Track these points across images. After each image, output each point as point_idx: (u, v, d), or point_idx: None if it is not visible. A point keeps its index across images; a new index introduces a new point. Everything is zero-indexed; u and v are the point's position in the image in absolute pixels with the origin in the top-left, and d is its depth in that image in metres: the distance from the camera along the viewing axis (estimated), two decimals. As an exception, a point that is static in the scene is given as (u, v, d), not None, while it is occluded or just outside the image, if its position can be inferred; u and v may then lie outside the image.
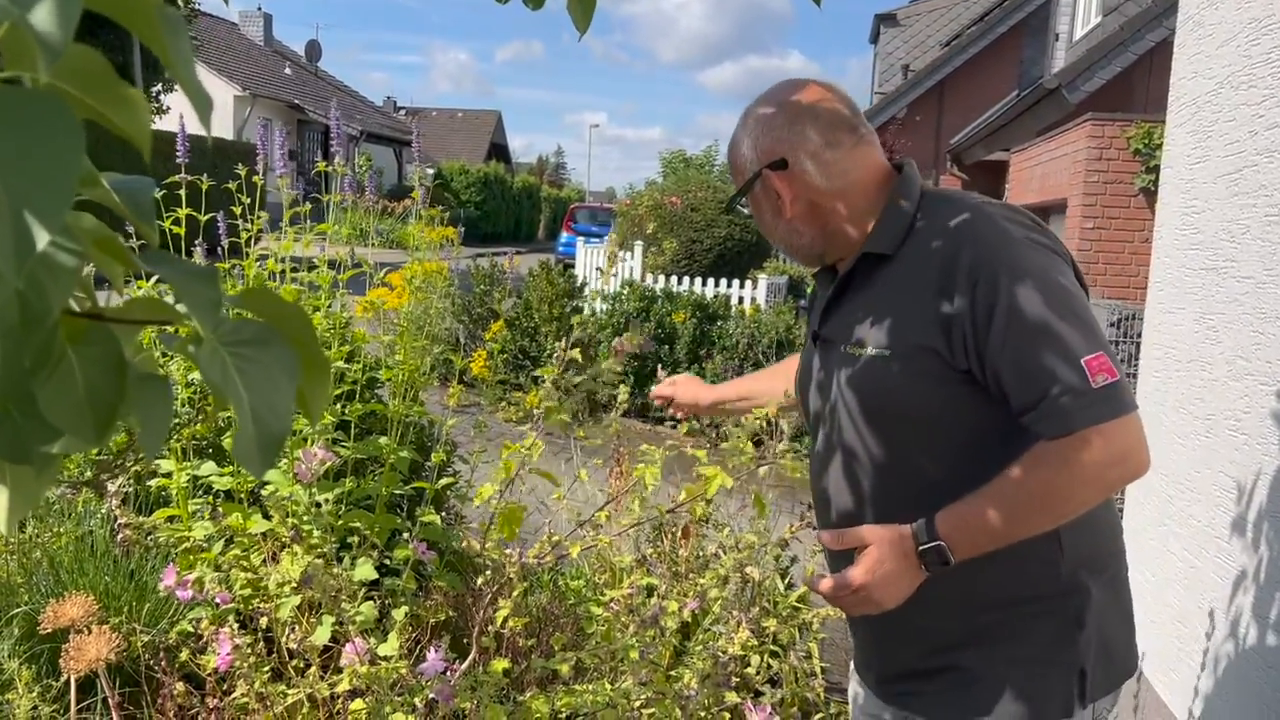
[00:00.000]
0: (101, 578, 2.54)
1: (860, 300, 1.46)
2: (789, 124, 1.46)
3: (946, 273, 1.32)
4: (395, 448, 2.62)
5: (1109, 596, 1.43)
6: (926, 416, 1.37)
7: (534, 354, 8.07)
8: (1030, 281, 1.28)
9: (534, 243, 35.05)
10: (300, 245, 2.85)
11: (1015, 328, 1.26)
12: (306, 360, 0.66)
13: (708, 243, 13.25)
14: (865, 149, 1.48)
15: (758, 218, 1.57)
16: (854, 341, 1.43)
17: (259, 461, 0.61)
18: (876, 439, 1.43)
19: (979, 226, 1.36)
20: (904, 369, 1.36)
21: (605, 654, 2.01)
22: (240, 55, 30.04)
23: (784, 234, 1.53)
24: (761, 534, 2.62)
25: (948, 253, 1.34)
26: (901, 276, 1.40)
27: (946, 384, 1.34)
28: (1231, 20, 2.43)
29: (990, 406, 1.33)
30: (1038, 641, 1.39)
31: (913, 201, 1.44)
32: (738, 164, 1.54)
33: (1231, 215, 2.37)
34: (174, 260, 0.62)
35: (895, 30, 22.07)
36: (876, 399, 1.41)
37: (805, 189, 1.46)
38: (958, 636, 1.43)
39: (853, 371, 1.44)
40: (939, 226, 1.39)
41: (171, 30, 0.52)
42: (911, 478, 1.41)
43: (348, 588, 2.04)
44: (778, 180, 1.47)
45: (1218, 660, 2.29)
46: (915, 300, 1.36)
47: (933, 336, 1.33)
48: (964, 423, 1.36)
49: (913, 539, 1.31)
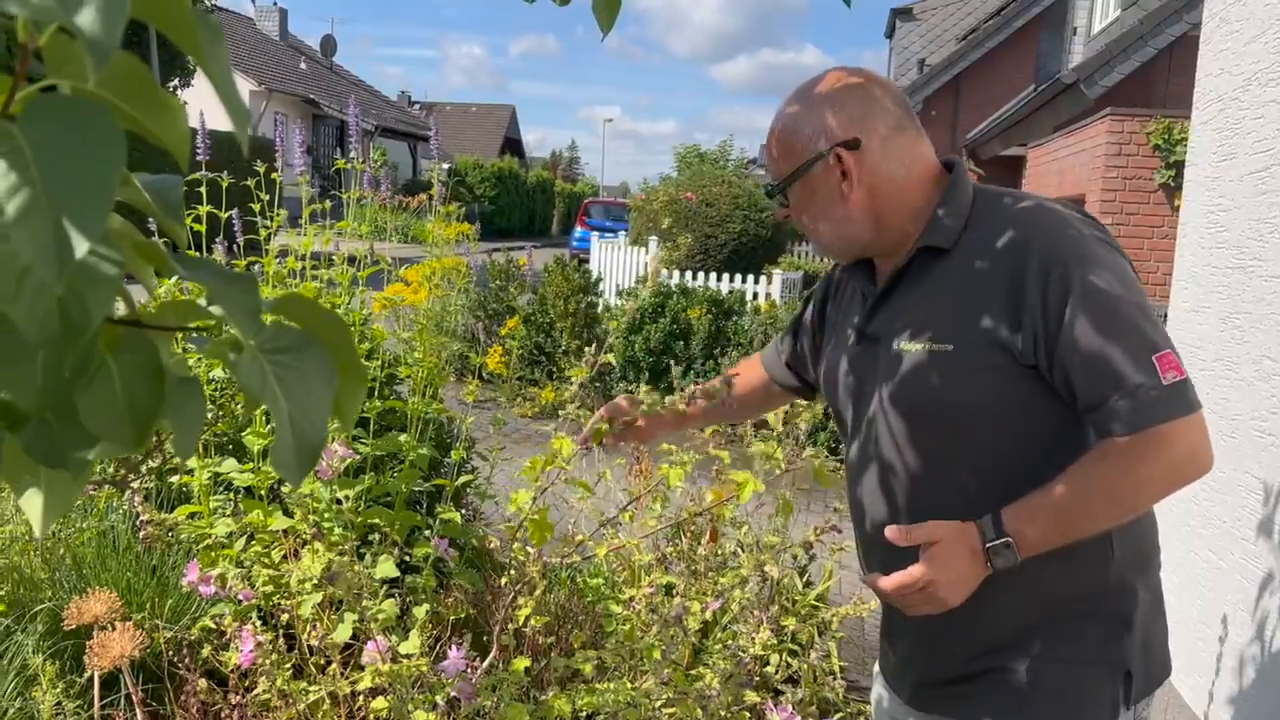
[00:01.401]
0: (124, 574, 2.55)
1: (915, 296, 1.43)
2: (863, 104, 1.42)
3: (1016, 266, 1.31)
4: (415, 445, 2.62)
5: (1151, 596, 1.43)
6: (980, 414, 1.35)
7: (549, 350, 8.07)
8: (1102, 277, 1.27)
9: (547, 238, 35.04)
10: (319, 242, 2.85)
11: (1088, 322, 1.25)
12: (343, 367, 0.66)
13: (723, 238, 13.23)
14: (925, 143, 1.47)
15: (804, 204, 1.49)
16: (909, 338, 1.40)
17: (296, 470, 0.61)
18: (921, 441, 1.40)
19: (1046, 221, 1.34)
20: (967, 364, 1.33)
21: (626, 653, 2.01)
22: (256, 50, 30.16)
23: (835, 221, 1.47)
24: (781, 532, 2.61)
25: (1015, 246, 1.32)
26: (962, 271, 1.37)
27: (1009, 379, 1.32)
28: (1260, 16, 2.40)
29: (1047, 407, 1.32)
30: (1086, 643, 1.37)
31: (968, 197, 1.43)
32: (794, 145, 1.46)
33: (1259, 214, 2.35)
34: (210, 264, 0.61)
35: (911, 25, 21.96)
36: (930, 395, 1.37)
37: (871, 173, 1.42)
38: (1007, 638, 1.41)
39: (904, 369, 1.40)
40: (1002, 221, 1.37)
41: (211, 39, 0.51)
42: (953, 482, 1.39)
43: (369, 585, 2.04)
44: (849, 160, 1.42)
45: (1242, 662, 2.27)
46: (981, 294, 1.33)
47: (1001, 330, 1.31)
48: (1016, 423, 1.34)
49: (979, 535, 1.28)
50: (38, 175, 0.45)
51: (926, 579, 1.28)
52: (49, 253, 0.45)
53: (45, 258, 0.45)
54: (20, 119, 0.46)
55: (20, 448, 0.58)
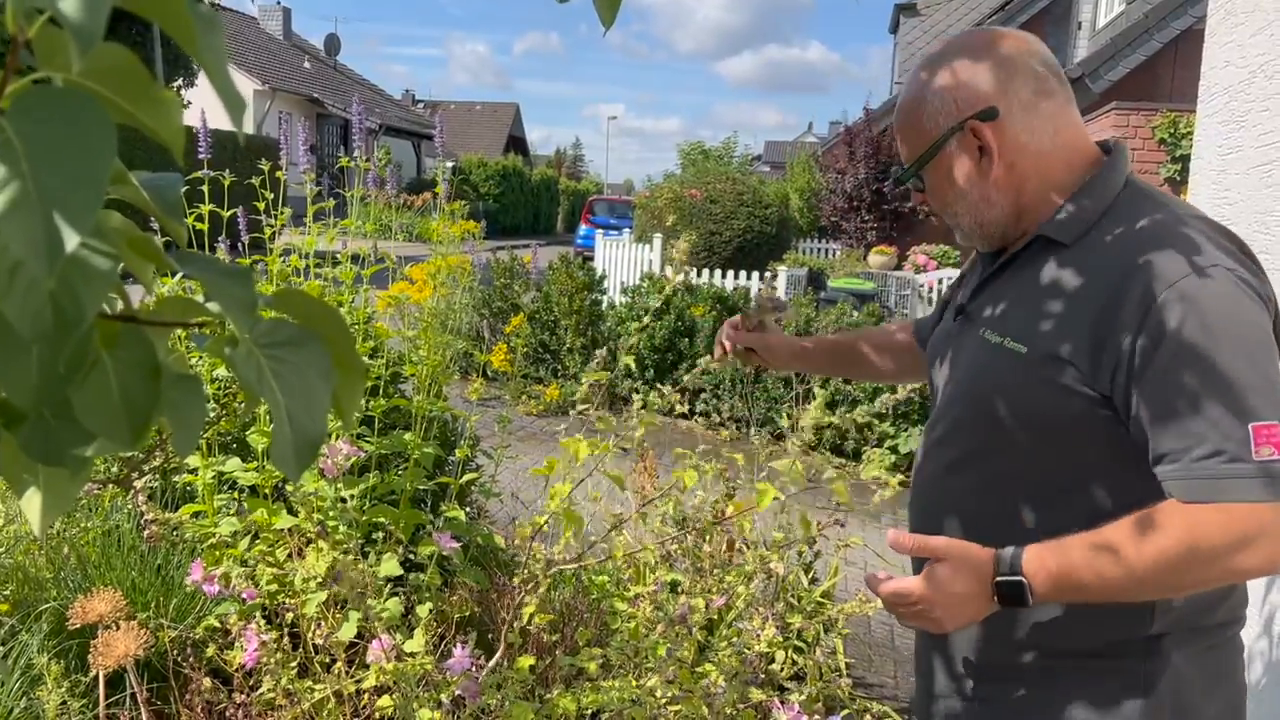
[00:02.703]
0: (129, 573, 2.55)
1: (1016, 284, 1.31)
2: (998, 69, 1.28)
3: (1119, 288, 1.16)
4: (419, 443, 2.62)
5: (1196, 670, 1.24)
6: (1034, 426, 1.23)
7: (554, 348, 8.07)
8: (1215, 320, 1.10)
9: (552, 235, 35.06)
10: (324, 240, 2.85)
11: (1179, 365, 1.10)
12: (341, 362, 0.65)
13: (727, 235, 13.21)
14: (1074, 110, 1.32)
15: (940, 188, 1.35)
16: (994, 328, 1.30)
17: (295, 464, 0.60)
18: (975, 437, 1.31)
19: (1174, 242, 1.16)
20: (1035, 371, 1.22)
21: (631, 651, 2.00)
22: (260, 49, 30.19)
23: (974, 203, 1.32)
24: (786, 529, 2.61)
25: (1128, 265, 1.17)
26: (1069, 274, 1.24)
27: (1076, 400, 1.19)
28: (1266, 7, 2.38)
29: (1112, 441, 1.19)
30: (1095, 702, 1.25)
31: (1113, 191, 1.27)
32: (922, 121, 1.32)
33: (1265, 207, 2.33)
34: (206, 260, 0.61)
35: (915, 20, 21.91)
36: (992, 393, 1.27)
37: (1012, 145, 1.28)
38: (1012, 674, 1.31)
39: (980, 358, 1.31)
40: (1130, 230, 1.22)
41: (206, 29, 0.51)
42: (995, 490, 1.29)
43: (373, 583, 2.04)
44: (988, 132, 1.28)
45: (1250, 658, 2.26)
46: (1074, 307, 1.20)
47: (1077, 352, 1.18)
48: (1072, 448, 1.22)
49: (993, 566, 1.16)
50: (27, 169, 0.44)
51: (920, 595, 1.20)
52: (39, 247, 0.45)
53: (36, 252, 0.45)
54: (9, 112, 0.46)
55: (18, 446, 0.58)
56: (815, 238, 18.04)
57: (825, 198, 16.67)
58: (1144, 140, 9.02)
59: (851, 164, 15.87)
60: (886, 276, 12.79)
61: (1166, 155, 8.91)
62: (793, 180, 19.73)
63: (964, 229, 1.38)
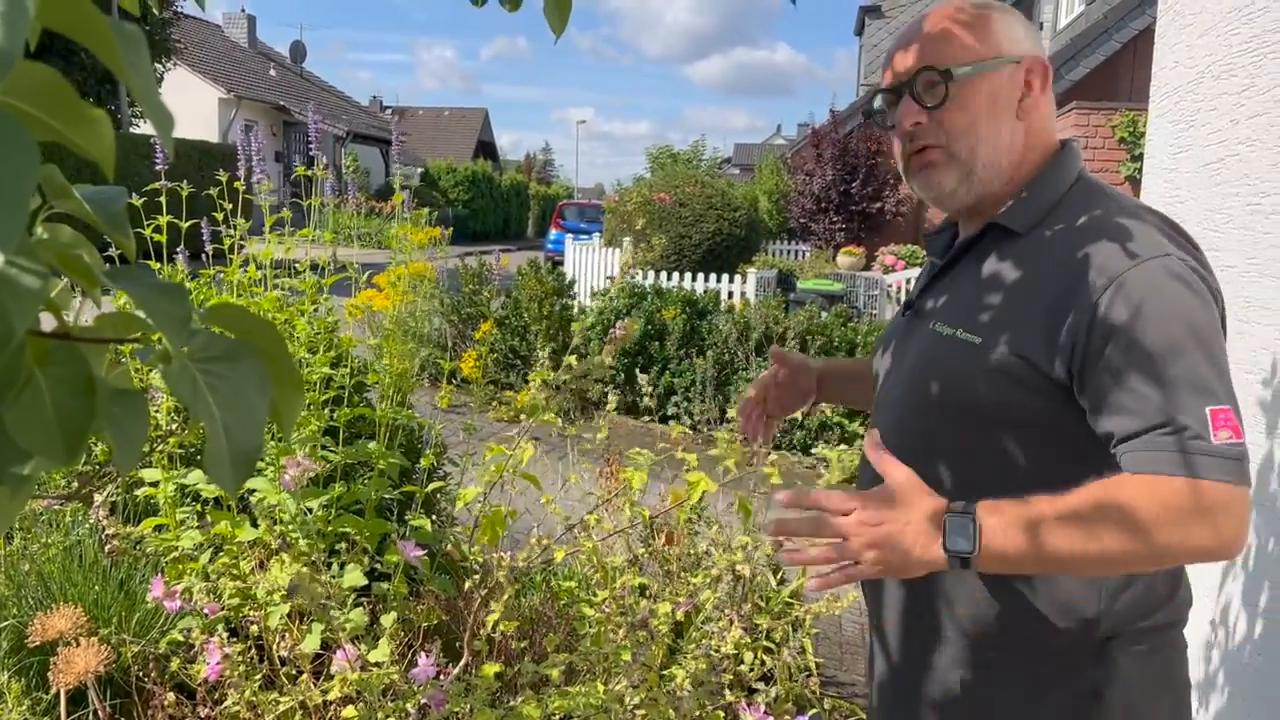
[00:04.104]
0: (90, 589, 2.52)
1: (967, 276, 1.31)
2: (1040, 41, 1.32)
3: (1074, 275, 1.16)
4: (384, 452, 2.61)
5: (1143, 673, 1.24)
6: (986, 419, 1.23)
7: (524, 353, 8.06)
8: (1170, 305, 1.12)
9: (523, 240, 35.00)
10: (282, 250, 2.84)
11: (1137, 349, 1.10)
12: (278, 375, 0.66)
13: (697, 238, 13.25)
14: (1052, 101, 1.33)
15: (971, 104, 1.27)
16: (946, 320, 1.29)
17: (231, 478, 0.61)
18: (926, 431, 1.30)
19: (1128, 232, 1.18)
20: (989, 364, 1.21)
21: (596, 656, 2.01)
22: (224, 57, 29.93)
23: (994, 144, 1.28)
24: (753, 531, 2.62)
25: (1083, 253, 1.17)
26: (1022, 264, 1.24)
27: (1031, 394, 1.19)
28: (1212, 9, 2.43)
29: (1074, 429, 1.18)
30: (1045, 711, 1.25)
31: (1066, 182, 1.28)
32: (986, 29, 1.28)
33: (1214, 204, 2.38)
34: (140, 276, 0.61)
35: (880, 21, 22.11)
36: (950, 385, 1.26)
37: (1039, 106, 1.30)
38: (958, 683, 1.30)
39: (931, 351, 1.30)
40: (1084, 221, 1.22)
41: (129, 47, 0.51)
42: (943, 484, 1.23)
43: (337, 594, 2.03)
44: (1038, 80, 1.28)
45: (1209, 647, 2.30)
46: (1029, 295, 1.21)
47: (1033, 344, 1.18)
48: (1035, 438, 1.22)
49: (945, 505, 1.10)
50: (-53, 189, 0.45)
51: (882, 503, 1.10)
52: (-38, 266, 0.45)
53: (-42, 271, 0.45)
54: (-73, 133, 0.46)
55: (-48, 464, 0.58)
56: (784, 239, 18.13)
57: (794, 199, 16.76)
58: (1104, 139, 9.16)
59: (819, 166, 15.97)
60: (855, 277, 12.89)
61: (1126, 154, 9.04)
62: (761, 182, 19.83)
63: (965, 166, 1.29)
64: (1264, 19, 2.13)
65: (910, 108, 1.28)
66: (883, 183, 15.68)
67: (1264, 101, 2.12)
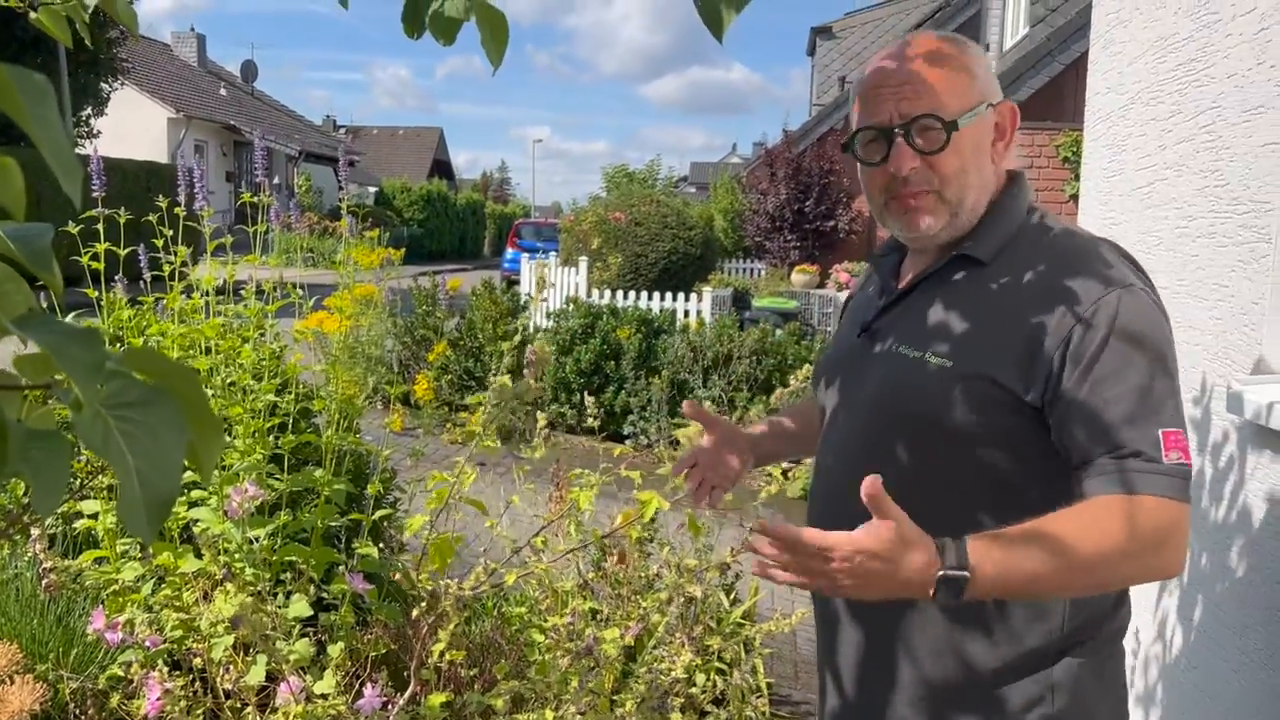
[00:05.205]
0: (28, 624, 2.46)
1: (934, 303, 1.34)
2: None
3: (1047, 302, 1.22)
4: (330, 479, 2.58)
5: (1094, 680, 1.30)
6: (959, 440, 1.26)
7: (479, 374, 8.02)
8: (1137, 335, 1.19)
9: (479, 259, 34.85)
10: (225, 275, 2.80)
11: (1107, 377, 1.18)
12: (196, 419, 0.66)
13: (652, 257, 13.29)
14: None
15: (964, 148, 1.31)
16: (912, 343, 1.32)
17: (146, 524, 0.60)
18: (891, 451, 1.31)
19: (1091, 262, 1.25)
20: (961, 387, 1.25)
21: (543, 685, 2.00)
22: (173, 77, 29.57)
23: (975, 177, 1.33)
24: (702, 553, 2.63)
25: (1052, 282, 1.24)
26: (992, 291, 1.29)
27: (1003, 413, 1.24)
28: (1140, 38, 2.51)
29: (1044, 452, 1.23)
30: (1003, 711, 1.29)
31: (1021, 211, 1.35)
32: (967, 85, 1.32)
33: (1146, 227, 2.45)
34: (51, 323, 0.60)
35: (831, 43, 22.41)
36: (917, 406, 1.29)
37: (1007, 145, 1.37)
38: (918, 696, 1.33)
39: (897, 373, 1.32)
40: (1049, 251, 1.29)
41: (34, 100, 0.51)
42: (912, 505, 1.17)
43: (283, 625, 2.00)
44: (1009, 121, 1.36)
45: (1147, 662, 2.35)
46: (1000, 322, 1.26)
47: (1006, 366, 1.23)
48: (1005, 460, 1.26)
49: (939, 555, 1.10)
50: None
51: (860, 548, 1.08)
52: None
53: None
54: None
55: None
56: (740, 258, 18.27)
57: (749, 218, 16.90)
58: (1049, 159, 9.36)
59: (773, 184, 16.13)
60: (809, 295, 13.00)
61: (1070, 173, 9.25)
62: (717, 201, 19.97)
63: (953, 209, 1.32)
64: (1188, 48, 2.20)
65: (906, 152, 1.30)
66: (835, 201, 15.87)
67: (1189, 128, 2.19)
